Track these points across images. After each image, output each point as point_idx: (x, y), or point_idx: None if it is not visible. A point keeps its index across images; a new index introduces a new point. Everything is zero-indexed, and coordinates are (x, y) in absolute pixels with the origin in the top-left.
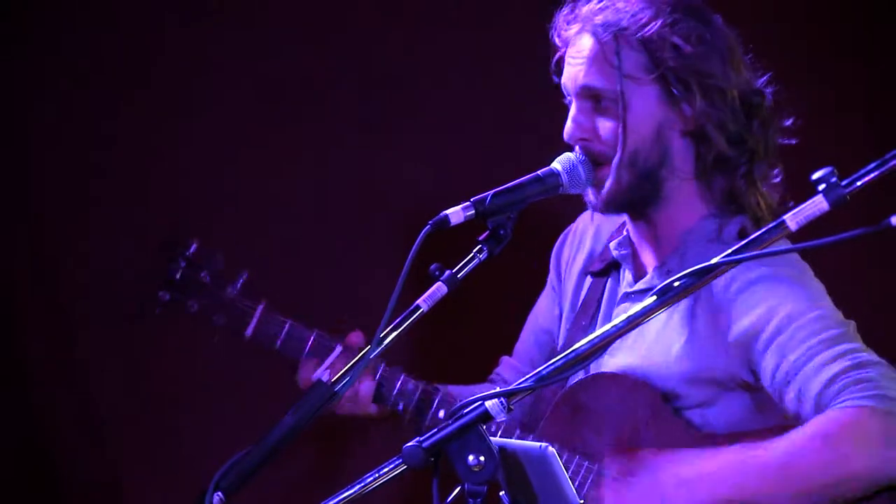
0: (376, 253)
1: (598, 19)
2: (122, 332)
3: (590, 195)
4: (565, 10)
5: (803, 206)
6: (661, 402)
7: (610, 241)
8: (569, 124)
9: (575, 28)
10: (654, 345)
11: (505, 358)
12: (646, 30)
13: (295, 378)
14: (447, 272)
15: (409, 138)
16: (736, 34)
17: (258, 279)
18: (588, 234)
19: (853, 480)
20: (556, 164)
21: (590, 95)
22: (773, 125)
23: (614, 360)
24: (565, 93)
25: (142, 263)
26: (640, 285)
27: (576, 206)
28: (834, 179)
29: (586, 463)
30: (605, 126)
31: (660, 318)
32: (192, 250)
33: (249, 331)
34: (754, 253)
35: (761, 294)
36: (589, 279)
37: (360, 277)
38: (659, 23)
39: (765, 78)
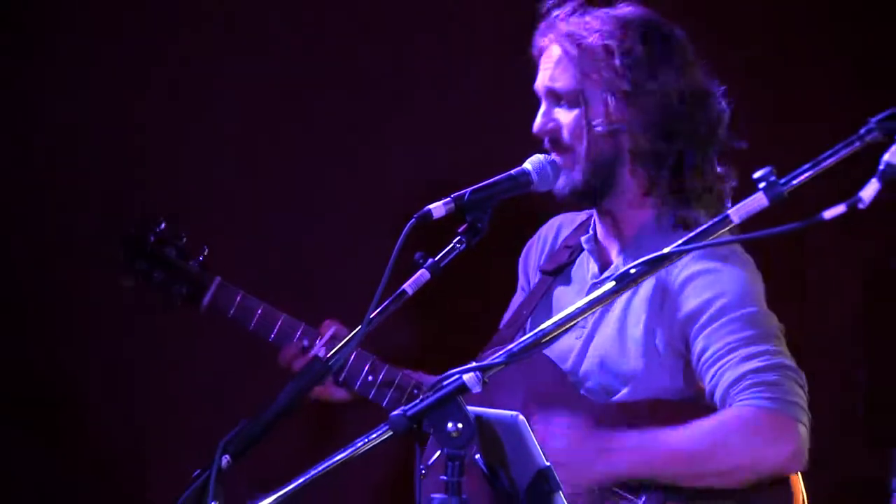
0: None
1: (564, 30)
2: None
3: (557, 185)
4: (542, 25)
5: (746, 201)
6: (563, 376)
7: (568, 240)
8: (537, 119)
9: (547, 39)
10: (618, 322)
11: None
12: (600, 43)
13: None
14: (430, 260)
15: (406, 138)
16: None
17: (255, 275)
18: (550, 235)
19: (738, 470)
20: (528, 165)
21: (553, 95)
22: (715, 119)
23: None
24: (538, 95)
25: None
26: (607, 274)
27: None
28: (773, 178)
29: None
30: (565, 122)
31: (622, 301)
32: (160, 227)
33: (206, 300)
34: (702, 244)
35: (706, 284)
36: (539, 275)
37: (355, 267)
38: (612, 38)
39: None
